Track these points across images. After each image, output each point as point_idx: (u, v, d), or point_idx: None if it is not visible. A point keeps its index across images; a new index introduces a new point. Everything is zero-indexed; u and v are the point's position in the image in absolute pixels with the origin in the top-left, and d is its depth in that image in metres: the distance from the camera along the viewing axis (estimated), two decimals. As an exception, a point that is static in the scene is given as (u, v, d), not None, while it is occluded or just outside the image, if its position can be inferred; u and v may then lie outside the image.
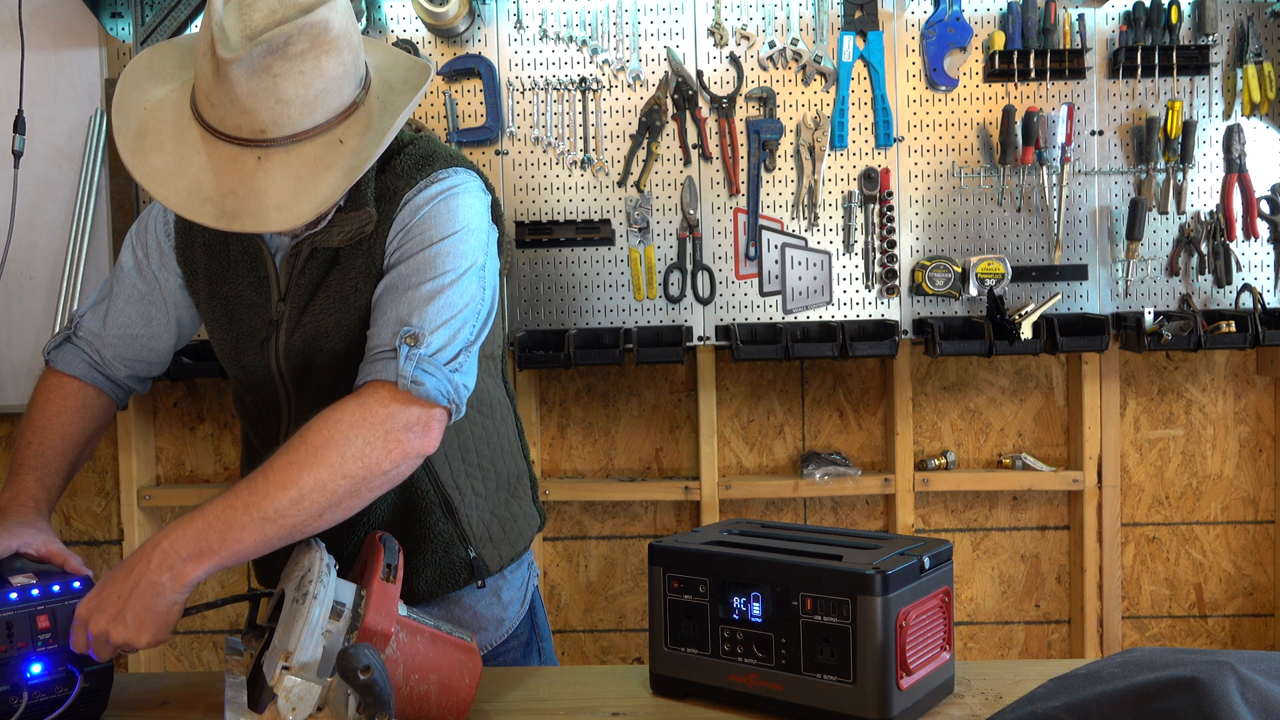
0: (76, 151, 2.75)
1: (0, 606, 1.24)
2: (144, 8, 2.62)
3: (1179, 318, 2.67)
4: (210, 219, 1.24)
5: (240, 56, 1.19)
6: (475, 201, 1.43)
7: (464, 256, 1.37)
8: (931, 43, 2.72)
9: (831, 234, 2.76)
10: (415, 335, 1.30)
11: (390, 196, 1.40)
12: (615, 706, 1.33)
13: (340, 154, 1.26)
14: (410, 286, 1.33)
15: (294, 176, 1.24)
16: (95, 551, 2.97)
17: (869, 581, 1.20)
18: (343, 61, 1.26)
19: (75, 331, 1.58)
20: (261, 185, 1.23)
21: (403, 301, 1.33)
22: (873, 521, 2.97)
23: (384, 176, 1.41)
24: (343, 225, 1.39)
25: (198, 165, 1.25)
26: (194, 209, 1.24)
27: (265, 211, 1.23)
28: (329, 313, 1.42)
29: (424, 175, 1.41)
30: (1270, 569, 2.95)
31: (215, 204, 1.24)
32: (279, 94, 1.22)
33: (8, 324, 2.77)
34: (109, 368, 1.58)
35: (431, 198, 1.39)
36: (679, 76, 2.73)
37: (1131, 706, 1.00)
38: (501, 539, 1.60)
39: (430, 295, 1.33)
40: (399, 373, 1.27)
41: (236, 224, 1.24)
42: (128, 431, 2.85)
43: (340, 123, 1.27)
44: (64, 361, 1.57)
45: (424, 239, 1.36)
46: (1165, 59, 2.68)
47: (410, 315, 1.31)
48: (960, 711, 1.29)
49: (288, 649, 1.12)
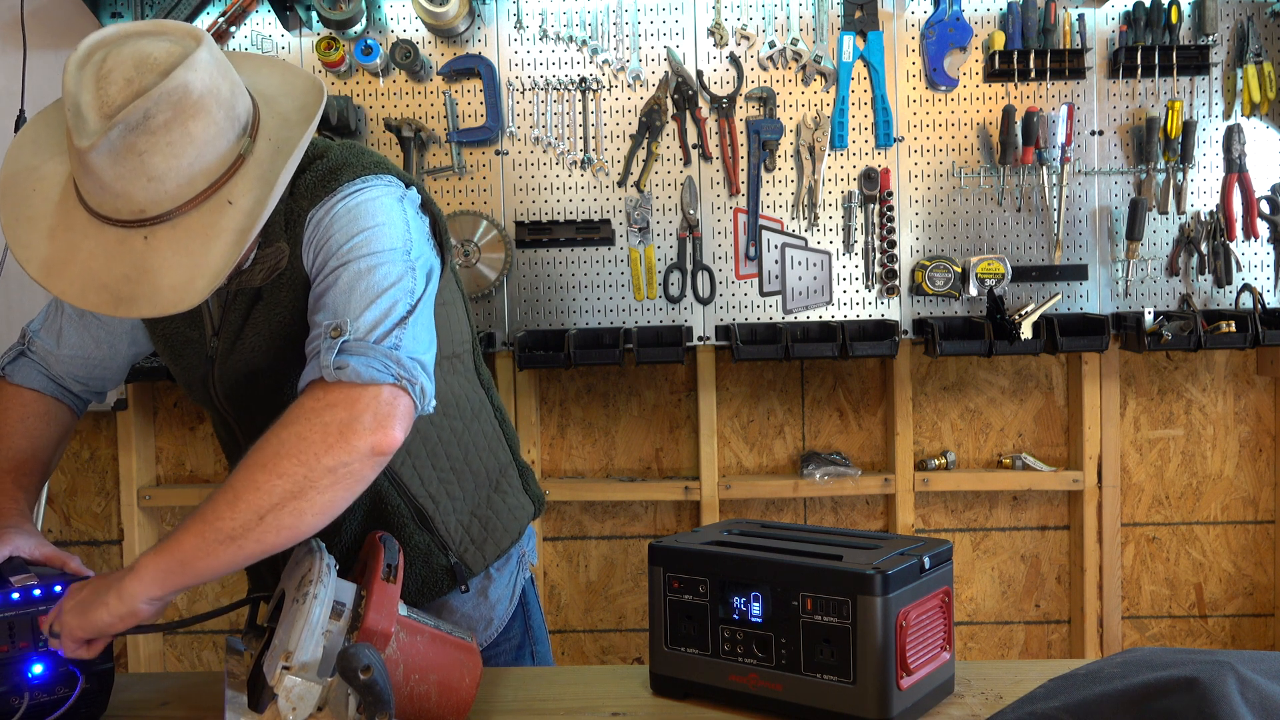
0: (77, 151, 2.75)
1: (1, 607, 1.24)
2: (144, 8, 2.62)
3: (1179, 318, 2.68)
4: (107, 308, 1.18)
5: (98, 143, 1.13)
6: (386, 200, 1.32)
7: (381, 243, 1.27)
8: (931, 43, 2.72)
9: (831, 234, 2.76)
10: (337, 326, 1.20)
11: (296, 219, 1.31)
12: (615, 706, 1.33)
13: (231, 216, 1.19)
14: (329, 287, 1.24)
15: (184, 252, 1.17)
16: (95, 551, 2.97)
17: (869, 581, 1.20)
18: (214, 121, 1.18)
19: (29, 347, 1.55)
20: (153, 265, 1.17)
21: (325, 307, 1.24)
22: (873, 521, 2.97)
23: (290, 199, 1.32)
24: (262, 263, 1.33)
25: (87, 251, 1.18)
26: (89, 299, 1.18)
27: (159, 293, 1.17)
28: (259, 349, 1.38)
29: (329, 191, 1.31)
30: (1270, 569, 2.95)
31: (110, 291, 1.18)
32: (149, 172, 1.14)
33: (8, 324, 2.77)
34: (64, 381, 1.57)
35: (332, 209, 1.30)
36: (679, 76, 2.73)
37: (1131, 706, 1.00)
38: (484, 539, 1.57)
39: (350, 284, 1.23)
40: (320, 365, 1.17)
41: (134, 310, 1.18)
42: (128, 431, 2.85)
43: (225, 182, 1.19)
44: (20, 375, 1.54)
45: (334, 243, 1.27)
46: (1165, 59, 2.68)
47: (331, 314, 1.22)
48: (960, 711, 1.29)
49: (288, 649, 1.12)
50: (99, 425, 2.93)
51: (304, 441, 1.15)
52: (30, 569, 1.32)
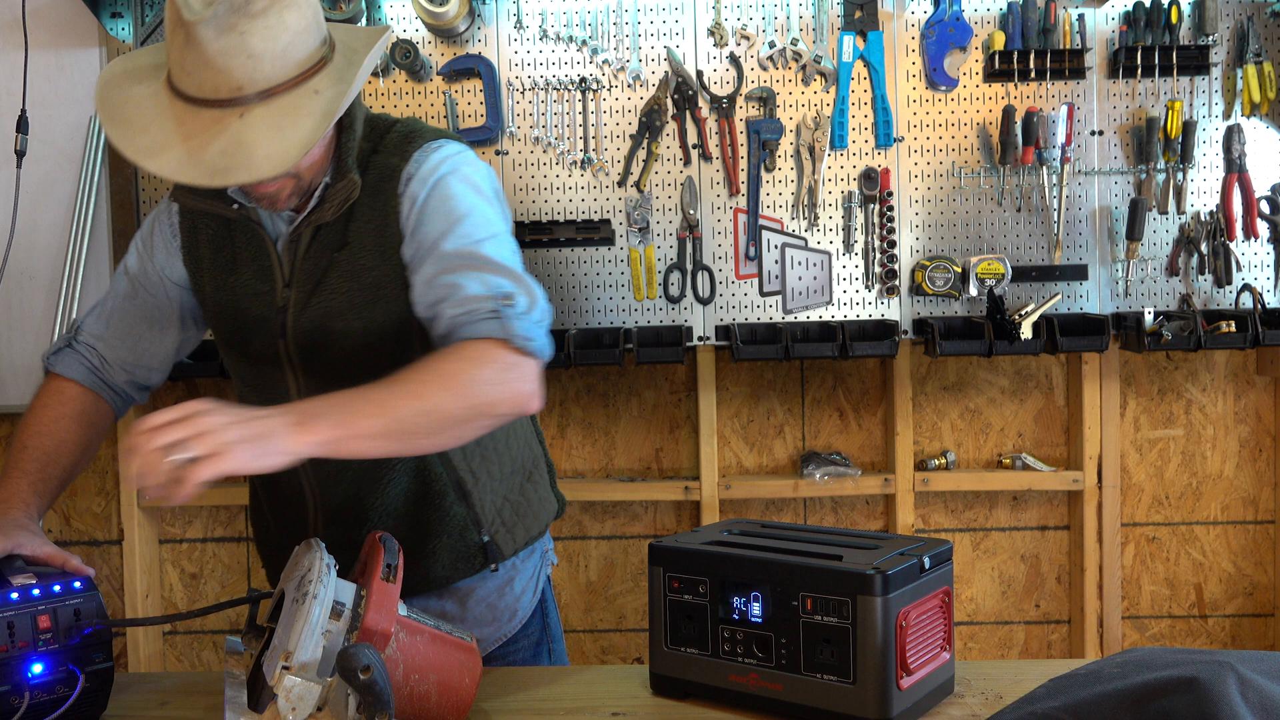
0: (76, 151, 2.75)
1: (1, 606, 1.24)
2: (144, 8, 2.62)
3: (1179, 318, 2.68)
4: (204, 179, 1.28)
5: (205, 17, 1.24)
6: (477, 165, 1.49)
7: (494, 222, 1.43)
8: (931, 43, 2.72)
9: (831, 234, 2.76)
10: (509, 295, 1.34)
11: (389, 174, 1.45)
12: (615, 706, 1.33)
13: (316, 102, 1.31)
14: (470, 258, 1.37)
15: (276, 127, 1.28)
16: (95, 551, 2.97)
17: (869, 581, 1.20)
18: (304, 15, 1.31)
19: (76, 336, 1.60)
20: (248, 140, 1.27)
21: (471, 273, 1.36)
22: (873, 521, 2.97)
23: (378, 156, 1.46)
24: (332, 198, 1.43)
25: (183, 135, 1.29)
26: (188, 173, 1.28)
27: (254, 161, 1.27)
28: (340, 292, 1.45)
29: (416, 147, 1.46)
30: (1270, 569, 2.95)
31: (206, 165, 1.27)
32: (248, 49, 1.26)
33: (8, 324, 2.77)
34: (109, 373, 1.59)
35: (434, 169, 1.44)
36: (679, 76, 2.73)
37: (1131, 706, 1.00)
38: (515, 524, 1.61)
39: (490, 263, 1.37)
40: (510, 331, 1.32)
41: (231, 178, 1.28)
42: (128, 432, 2.85)
43: (312, 75, 1.32)
44: (64, 366, 1.58)
45: (452, 214, 1.40)
46: (1165, 59, 2.68)
47: (490, 282, 1.35)
48: (960, 711, 1.30)
49: (287, 649, 1.12)
50: (99, 425, 2.93)
51: (490, 386, 1.29)
52: (30, 568, 1.32)
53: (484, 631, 1.61)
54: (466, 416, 1.28)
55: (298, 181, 1.41)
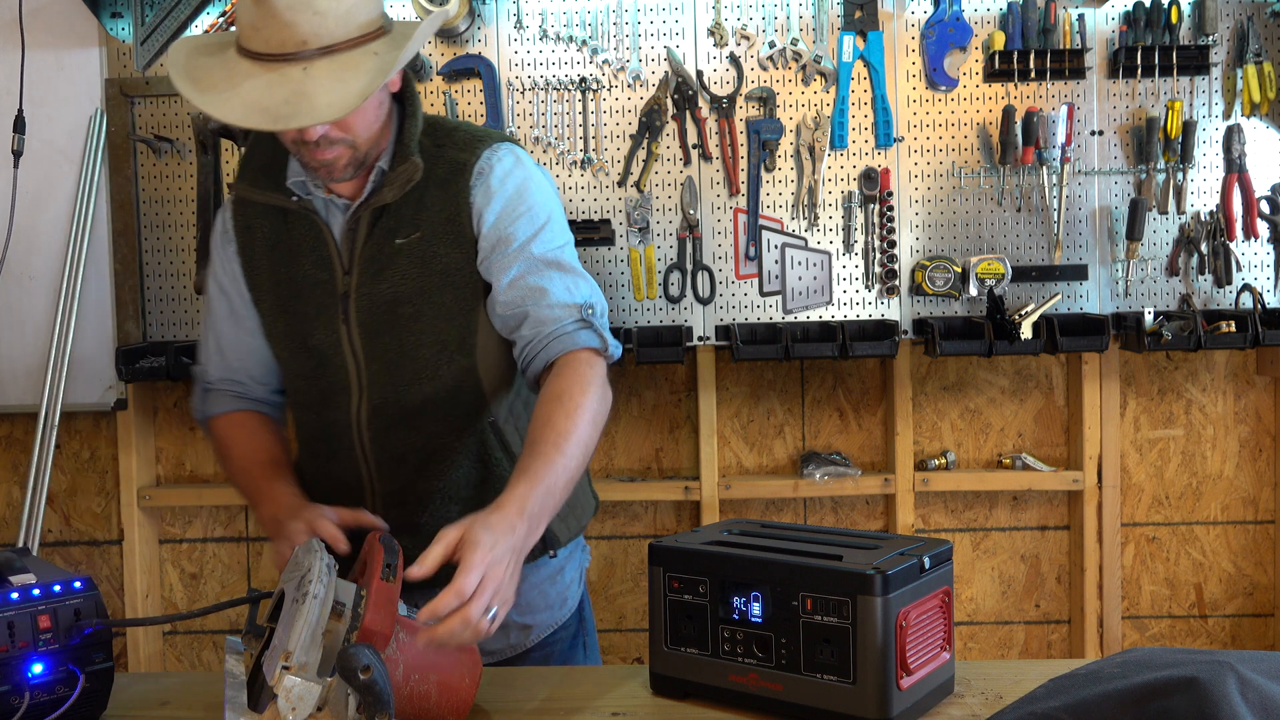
0: (76, 151, 2.75)
1: (1, 606, 1.24)
2: (144, 8, 2.62)
3: (1179, 318, 2.68)
4: (268, 123, 1.36)
5: None
6: (547, 176, 1.62)
7: (567, 230, 1.60)
8: (931, 43, 2.72)
9: (831, 234, 2.76)
10: (590, 306, 1.51)
11: (459, 168, 1.53)
12: (615, 706, 1.33)
13: (374, 62, 1.40)
14: (553, 264, 1.53)
15: (337, 79, 1.37)
16: (95, 551, 2.97)
17: (869, 581, 1.20)
18: None
19: (206, 382, 1.69)
20: (310, 90, 1.35)
21: (555, 279, 1.51)
22: (873, 521, 2.97)
23: (446, 150, 1.55)
24: (393, 181, 1.50)
25: (248, 88, 1.38)
26: (252, 119, 1.37)
27: (316, 108, 1.35)
28: (411, 277, 1.52)
29: (486, 147, 1.55)
30: (1270, 569, 2.95)
31: (269, 112, 1.36)
32: (314, 6, 1.35)
33: (8, 324, 2.77)
34: (251, 391, 1.67)
35: (509, 173, 1.54)
36: (679, 76, 2.73)
37: (1131, 706, 1.00)
38: (567, 514, 1.63)
39: (570, 268, 1.54)
40: (606, 341, 1.50)
41: (293, 122, 1.36)
42: (128, 431, 2.85)
43: (372, 40, 1.41)
44: (215, 405, 1.68)
45: (532, 219, 1.53)
46: (1165, 59, 2.68)
47: (573, 291, 1.51)
48: (960, 711, 1.30)
49: (287, 649, 1.12)
50: (99, 425, 2.93)
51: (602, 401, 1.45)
52: (37, 565, 1.32)
53: (537, 618, 1.65)
54: (597, 437, 1.43)
55: (354, 152, 1.47)
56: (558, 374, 1.45)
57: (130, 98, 2.76)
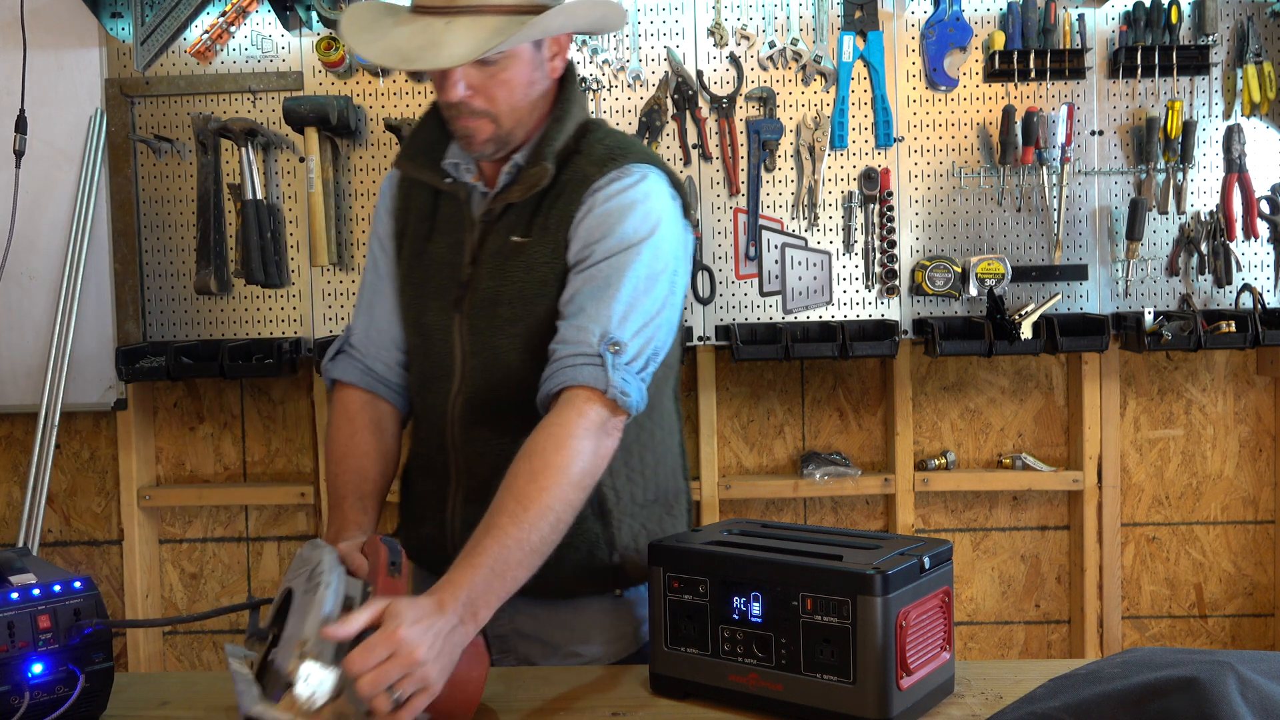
0: (76, 151, 2.75)
1: (1, 606, 1.24)
2: (144, 8, 2.62)
3: (1179, 318, 2.68)
4: (395, 62, 1.43)
5: None
6: (668, 204, 1.51)
7: (658, 261, 1.46)
8: (931, 43, 2.72)
9: (831, 234, 2.76)
10: (618, 344, 1.39)
11: (581, 180, 1.50)
12: (615, 706, 1.33)
13: (509, 30, 1.40)
14: (607, 287, 1.42)
15: (471, 36, 1.40)
16: (95, 551, 2.97)
17: (869, 581, 1.20)
18: None
19: (348, 340, 1.68)
20: (444, 40, 1.40)
21: (601, 303, 1.42)
22: (873, 521, 2.97)
23: (579, 158, 1.52)
24: (522, 180, 1.50)
25: (395, 34, 1.45)
26: (385, 58, 1.44)
27: (440, 55, 1.39)
28: (514, 281, 1.51)
29: (616, 166, 1.49)
30: (1270, 569, 2.95)
31: (401, 53, 1.42)
32: None
33: (8, 324, 2.77)
34: (381, 371, 1.65)
35: (621, 192, 1.47)
36: (679, 76, 2.73)
37: (1131, 706, 1.00)
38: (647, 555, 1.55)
39: (628, 301, 1.42)
40: (609, 382, 1.37)
41: (418, 64, 1.41)
42: (128, 431, 2.85)
43: (529, 13, 1.42)
44: (340, 369, 1.65)
45: (619, 240, 1.44)
46: (1165, 59, 2.68)
47: (609, 320, 1.40)
48: (960, 711, 1.30)
49: (303, 636, 1.13)
50: (99, 425, 2.93)
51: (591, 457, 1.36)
52: (28, 570, 1.32)
53: (588, 649, 1.58)
54: (580, 499, 1.35)
55: (496, 128, 1.48)
56: (544, 423, 1.37)
57: (130, 98, 2.76)
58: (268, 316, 2.79)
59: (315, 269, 2.76)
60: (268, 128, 2.73)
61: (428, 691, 1.15)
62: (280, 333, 2.79)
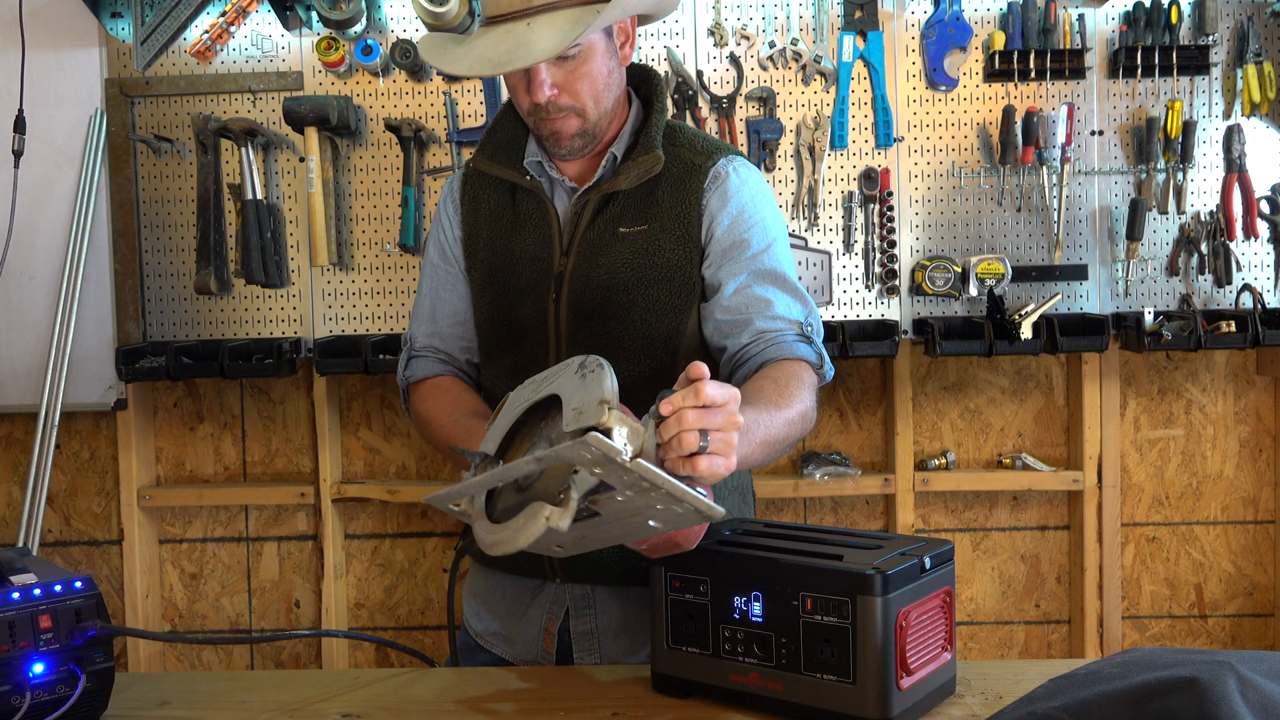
0: (76, 151, 2.75)
1: (2, 606, 1.24)
2: (144, 8, 2.62)
3: (1179, 318, 2.68)
4: (488, 70, 1.49)
5: None
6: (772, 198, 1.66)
7: (789, 250, 1.63)
8: (931, 43, 2.72)
9: (831, 234, 2.76)
10: (811, 324, 1.56)
11: (693, 169, 1.59)
12: (615, 706, 1.33)
13: (586, 20, 1.46)
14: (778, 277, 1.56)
15: (554, 30, 1.46)
16: (95, 551, 2.97)
17: (869, 581, 1.20)
18: None
19: (413, 347, 1.73)
20: (529, 40, 1.46)
21: (779, 293, 1.55)
22: (873, 521, 2.97)
23: (680, 150, 1.61)
24: (629, 171, 1.56)
25: (478, 45, 1.51)
26: (476, 69, 1.50)
27: (532, 53, 1.45)
28: (631, 266, 1.56)
29: (722, 154, 1.61)
30: (1270, 569, 2.95)
31: (490, 61, 1.48)
32: None
33: (8, 324, 2.77)
34: (453, 360, 1.72)
35: (744, 183, 1.59)
36: (679, 76, 2.73)
37: (1131, 706, 1.00)
38: None
39: (795, 288, 1.57)
40: (820, 355, 1.54)
41: (510, 65, 1.46)
42: (128, 431, 2.85)
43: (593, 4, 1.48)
44: (420, 370, 1.71)
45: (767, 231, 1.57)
46: (1165, 59, 2.68)
47: (791, 307, 1.55)
48: (960, 711, 1.30)
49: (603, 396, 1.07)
50: (99, 425, 2.93)
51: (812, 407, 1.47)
52: (30, 569, 1.32)
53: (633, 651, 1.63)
54: (799, 434, 1.43)
55: (582, 122, 1.54)
56: (774, 369, 1.47)
57: (130, 98, 2.77)
58: (268, 316, 2.79)
59: (315, 269, 2.76)
60: (268, 128, 2.73)
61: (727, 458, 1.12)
62: (280, 333, 2.79)
